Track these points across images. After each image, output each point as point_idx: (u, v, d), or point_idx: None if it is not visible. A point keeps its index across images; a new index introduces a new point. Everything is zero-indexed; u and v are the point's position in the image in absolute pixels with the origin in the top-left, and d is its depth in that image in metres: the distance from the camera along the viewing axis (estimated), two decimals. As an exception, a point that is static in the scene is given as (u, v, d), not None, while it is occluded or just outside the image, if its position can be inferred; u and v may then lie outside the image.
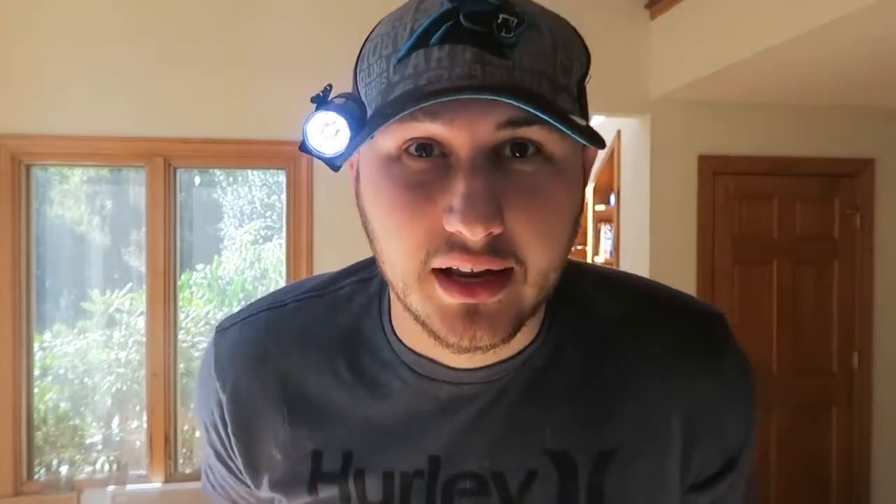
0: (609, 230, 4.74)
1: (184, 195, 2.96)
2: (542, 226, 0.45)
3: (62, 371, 2.96)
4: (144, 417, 2.87)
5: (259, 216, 3.25)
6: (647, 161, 3.17)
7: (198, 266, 3.07)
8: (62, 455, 2.92)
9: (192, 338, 3.03)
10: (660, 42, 3.04)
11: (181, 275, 2.95)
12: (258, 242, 3.23)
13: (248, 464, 0.61)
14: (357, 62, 0.49)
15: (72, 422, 2.97)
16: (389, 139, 0.45)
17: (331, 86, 0.48)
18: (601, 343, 0.57)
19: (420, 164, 0.45)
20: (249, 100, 2.82)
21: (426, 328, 0.48)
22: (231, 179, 3.26)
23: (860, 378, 3.36)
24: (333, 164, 0.45)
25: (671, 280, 2.76)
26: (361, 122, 0.44)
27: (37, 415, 2.85)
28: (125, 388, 2.99)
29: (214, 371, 0.60)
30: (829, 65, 2.60)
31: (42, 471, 2.85)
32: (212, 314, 3.08)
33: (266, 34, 2.84)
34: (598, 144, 0.45)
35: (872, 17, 2.03)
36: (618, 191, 3.55)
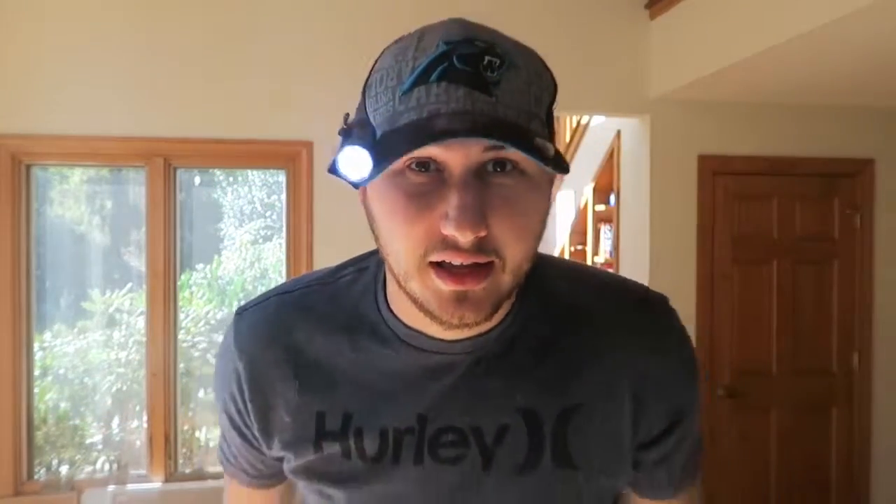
0: (609, 230, 4.75)
1: (184, 195, 2.96)
2: (518, 228, 0.56)
3: (62, 371, 2.96)
4: (144, 417, 2.88)
5: (259, 216, 3.25)
6: (647, 161, 3.17)
7: (198, 266, 3.07)
8: (62, 455, 2.92)
9: (192, 338, 3.03)
10: (660, 42, 3.04)
11: (181, 275, 2.95)
12: (258, 242, 3.23)
13: (262, 428, 0.70)
14: (365, 87, 0.58)
15: (72, 422, 2.97)
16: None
17: (348, 114, 0.59)
18: (561, 321, 0.68)
19: (420, 178, 0.55)
20: (249, 100, 2.82)
21: (423, 309, 0.58)
22: (231, 179, 3.26)
23: (860, 378, 3.36)
24: (355, 185, 0.56)
25: (671, 280, 2.77)
26: (376, 147, 0.53)
27: (37, 415, 2.85)
28: (125, 388, 2.99)
29: (234, 345, 0.70)
30: (829, 65, 2.60)
31: (42, 471, 2.86)
32: (212, 314, 3.08)
33: (266, 34, 2.84)
34: (562, 171, 0.55)
35: (872, 17, 2.03)
36: (617, 191, 3.55)
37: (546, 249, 0.86)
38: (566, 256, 5.19)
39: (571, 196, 5.32)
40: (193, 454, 3.00)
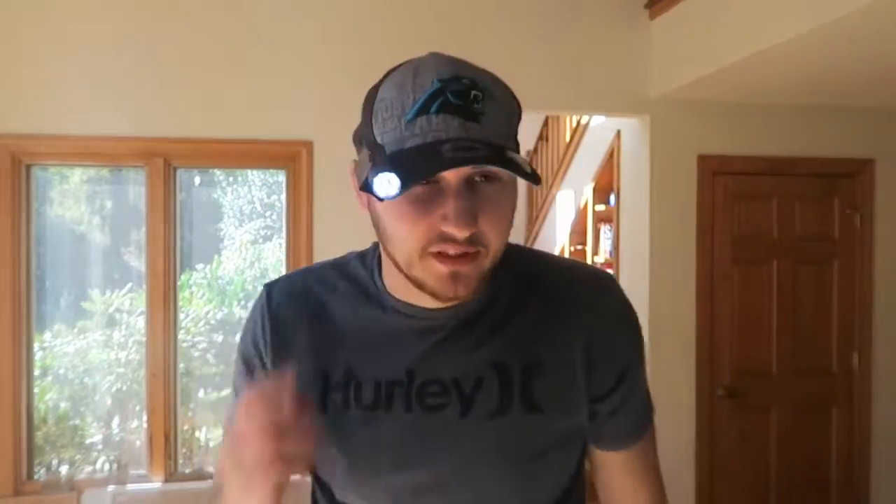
0: (609, 230, 4.75)
1: (184, 195, 2.96)
2: (500, 225, 0.71)
3: (62, 371, 2.96)
4: (144, 417, 2.88)
5: (259, 216, 3.25)
6: (647, 161, 3.17)
7: (198, 266, 3.07)
8: (62, 455, 2.92)
9: (192, 338, 3.04)
10: (660, 42, 3.04)
11: (181, 275, 2.95)
12: (258, 242, 3.23)
13: (277, 371, 0.80)
14: (371, 114, 0.70)
15: (72, 422, 2.97)
16: None
17: (357, 132, 0.74)
18: (525, 293, 0.82)
19: (421, 189, 0.68)
20: (249, 100, 2.82)
21: (423, 287, 0.72)
22: (231, 179, 3.26)
23: (860, 378, 3.36)
24: (380, 199, 0.67)
25: (671, 281, 2.76)
26: (405, 177, 0.65)
27: (37, 415, 2.85)
28: (125, 388, 2.99)
29: (265, 301, 0.86)
30: (829, 65, 2.60)
31: (42, 471, 2.86)
32: (212, 314, 3.08)
33: (266, 34, 2.84)
34: (535, 182, 0.68)
35: (872, 17, 2.03)
36: (617, 191, 3.55)
37: (546, 249, 0.92)
38: (566, 256, 5.19)
39: (571, 196, 5.32)
40: (193, 454, 3.00)
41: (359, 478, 0.80)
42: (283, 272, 2.96)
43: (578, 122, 4.84)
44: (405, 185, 0.65)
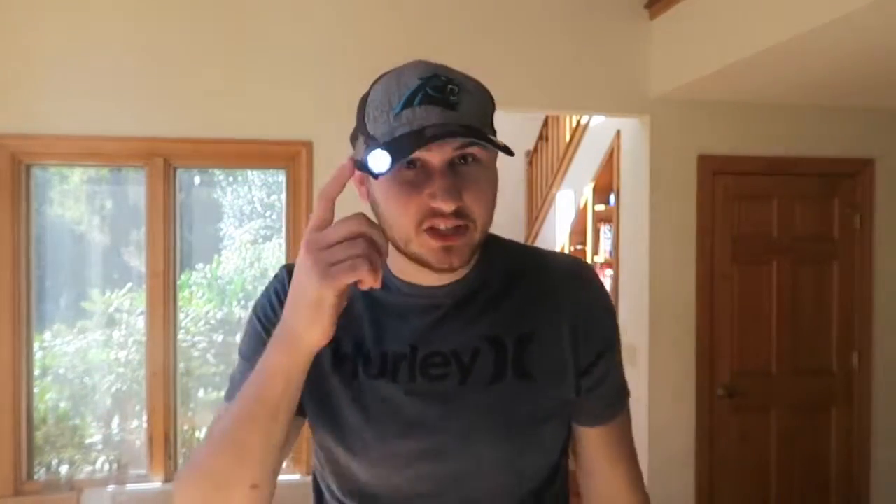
0: (608, 230, 4.74)
1: (183, 195, 2.96)
2: (482, 199, 0.80)
3: (62, 371, 2.96)
4: (144, 417, 2.88)
5: (259, 216, 3.25)
6: (647, 161, 3.17)
7: (197, 266, 3.07)
8: (62, 455, 2.92)
9: (192, 338, 3.03)
10: (660, 42, 3.04)
11: (181, 275, 2.95)
12: (258, 242, 3.23)
13: None
14: (364, 114, 0.80)
15: (72, 422, 2.97)
16: None
17: (355, 131, 0.83)
18: (514, 275, 0.92)
19: (410, 172, 0.79)
20: (249, 100, 2.82)
21: (421, 263, 0.81)
22: (231, 179, 3.26)
23: (860, 378, 3.36)
24: (374, 175, 0.74)
25: (671, 280, 2.76)
26: (394, 152, 0.73)
27: (37, 415, 2.85)
28: (125, 388, 2.99)
29: (284, 271, 0.92)
30: (829, 65, 2.60)
31: (42, 470, 2.86)
32: (211, 314, 3.08)
33: (266, 34, 2.84)
34: (509, 153, 0.79)
35: (872, 17, 2.03)
36: (617, 191, 3.55)
37: (546, 249, 0.95)
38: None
39: (571, 196, 5.32)
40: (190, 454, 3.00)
41: (365, 442, 0.86)
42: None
43: (578, 122, 4.83)
44: (395, 160, 0.73)
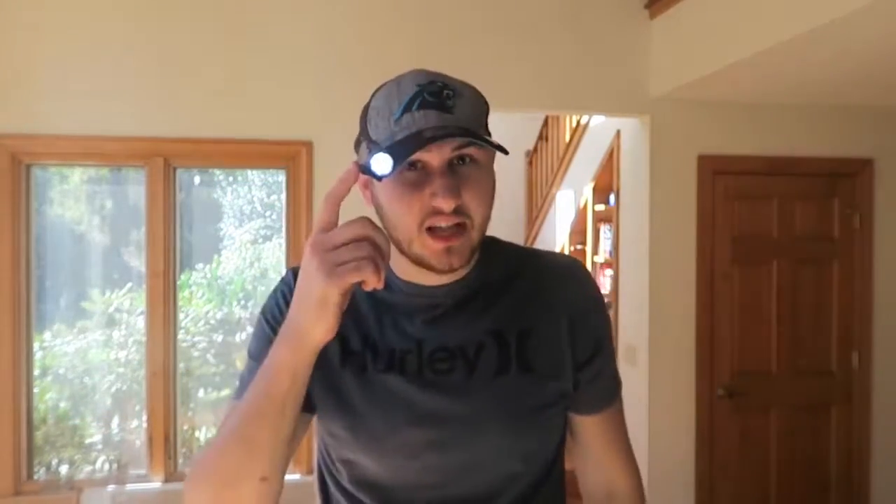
0: (608, 230, 4.74)
1: (183, 195, 2.96)
2: (480, 198, 0.84)
3: (62, 371, 2.96)
4: (144, 417, 2.88)
5: (259, 216, 3.25)
6: (647, 161, 3.17)
7: (197, 266, 3.07)
8: (62, 455, 2.92)
9: (192, 337, 3.04)
10: (660, 42, 3.04)
11: (181, 274, 2.95)
12: (258, 242, 3.23)
13: None
14: (366, 121, 0.85)
15: (72, 421, 2.97)
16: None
17: (359, 137, 0.87)
18: (513, 273, 0.97)
19: (412, 173, 0.82)
20: (249, 100, 2.83)
21: (422, 262, 0.84)
22: (231, 179, 3.26)
23: (859, 378, 3.36)
24: (377, 177, 0.78)
25: (671, 280, 2.75)
26: (396, 155, 0.77)
27: (37, 415, 2.85)
28: (125, 388, 2.99)
29: (291, 273, 0.96)
30: (829, 65, 2.60)
31: (42, 470, 2.86)
32: (211, 314, 3.08)
33: (266, 34, 2.84)
34: (504, 152, 0.83)
35: (872, 17, 2.03)
36: (617, 191, 3.55)
37: (546, 249, 0.96)
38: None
39: (571, 196, 5.32)
40: (193, 454, 3.00)
41: (375, 433, 0.89)
42: (284, 272, 2.96)
43: (578, 122, 4.83)
44: (397, 162, 0.76)
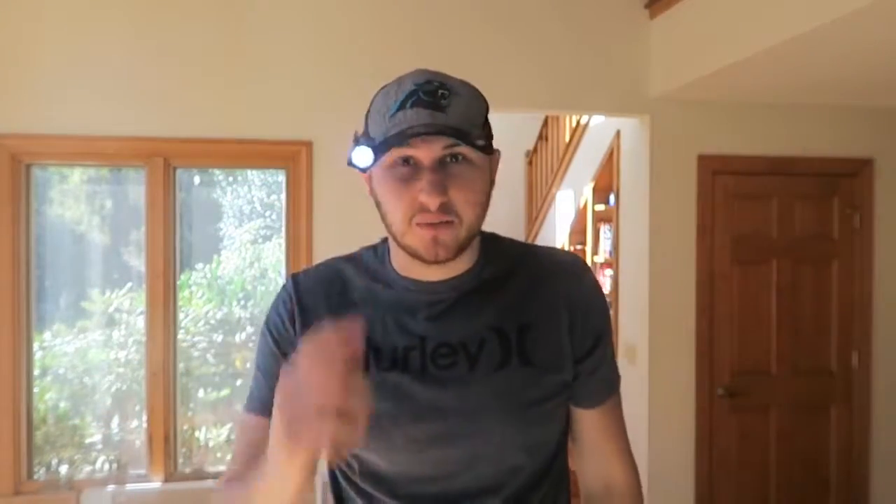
0: (608, 230, 4.75)
1: (183, 195, 2.96)
2: (468, 197, 0.85)
3: (62, 371, 2.96)
4: (144, 417, 2.88)
5: (259, 216, 3.25)
6: (647, 161, 3.17)
7: (197, 266, 3.07)
8: (62, 455, 2.92)
9: (192, 337, 3.04)
10: (660, 42, 3.04)
11: (181, 274, 2.95)
12: (258, 242, 3.23)
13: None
14: (368, 119, 0.88)
15: (72, 421, 2.97)
16: (389, 157, 0.85)
17: (357, 131, 0.90)
18: (513, 268, 0.98)
19: (404, 169, 0.85)
20: (249, 100, 2.83)
21: (413, 253, 0.87)
22: (231, 179, 3.26)
23: (859, 377, 3.36)
24: (362, 170, 0.86)
25: (671, 280, 2.76)
26: (376, 148, 0.84)
27: (37, 414, 2.85)
28: (125, 388, 2.99)
29: (290, 284, 0.98)
30: (829, 65, 2.60)
31: (42, 470, 2.86)
32: (211, 314, 3.08)
33: (266, 35, 2.84)
34: (488, 153, 0.87)
35: (872, 18, 2.03)
36: (617, 191, 3.55)
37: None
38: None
39: (571, 196, 5.32)
40: (193, 454, 3.00)
41: (381, 429, 0.88)
42: (283, 272, 2.98)
43: (578, 122, 4.83)
44: (377, 156, 0.82)
